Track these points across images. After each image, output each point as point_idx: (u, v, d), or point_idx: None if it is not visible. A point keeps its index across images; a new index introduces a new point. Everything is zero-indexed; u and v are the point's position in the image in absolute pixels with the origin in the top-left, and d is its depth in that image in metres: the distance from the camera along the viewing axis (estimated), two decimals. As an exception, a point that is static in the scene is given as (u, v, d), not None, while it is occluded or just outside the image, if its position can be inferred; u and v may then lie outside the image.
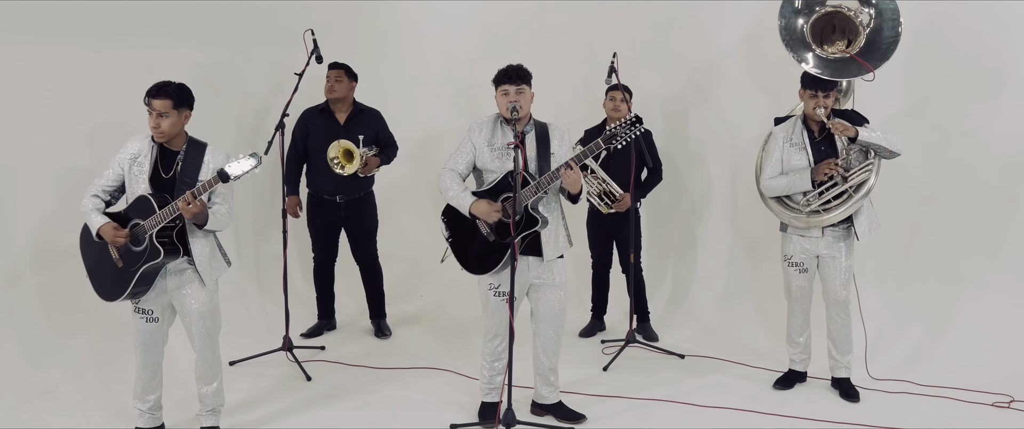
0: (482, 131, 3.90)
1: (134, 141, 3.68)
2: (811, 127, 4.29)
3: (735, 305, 5.72)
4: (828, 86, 4.18)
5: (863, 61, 4.21)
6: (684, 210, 6.07)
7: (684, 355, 5.12)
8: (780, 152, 4.32)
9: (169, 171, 3.63)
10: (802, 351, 4.58)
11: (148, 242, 3.52)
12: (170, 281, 3.69)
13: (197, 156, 3.65)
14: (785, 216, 4.33)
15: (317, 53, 5.11)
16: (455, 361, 5.00)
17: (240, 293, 5.76)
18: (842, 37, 4.41)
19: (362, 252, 5.53)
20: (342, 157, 5.13)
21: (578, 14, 6.34)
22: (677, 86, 5.97)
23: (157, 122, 3.56)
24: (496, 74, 3.85)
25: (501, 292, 3.84)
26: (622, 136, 3.62)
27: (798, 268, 4.38)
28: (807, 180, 4.18)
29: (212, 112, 5.54)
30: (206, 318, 3.73)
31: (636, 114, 3.65)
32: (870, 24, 4.28)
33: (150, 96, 3.56)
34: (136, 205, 3.57)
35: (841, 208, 4.18)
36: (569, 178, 3.63)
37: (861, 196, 4.17)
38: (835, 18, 4.39)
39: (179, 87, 3.63)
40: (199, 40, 5.46)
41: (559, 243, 3.90)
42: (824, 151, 4.25)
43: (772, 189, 4.34)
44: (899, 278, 5.25)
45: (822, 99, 4.16)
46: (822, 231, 4.27)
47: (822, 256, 4.33)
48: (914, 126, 4.99)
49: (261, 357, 4.97)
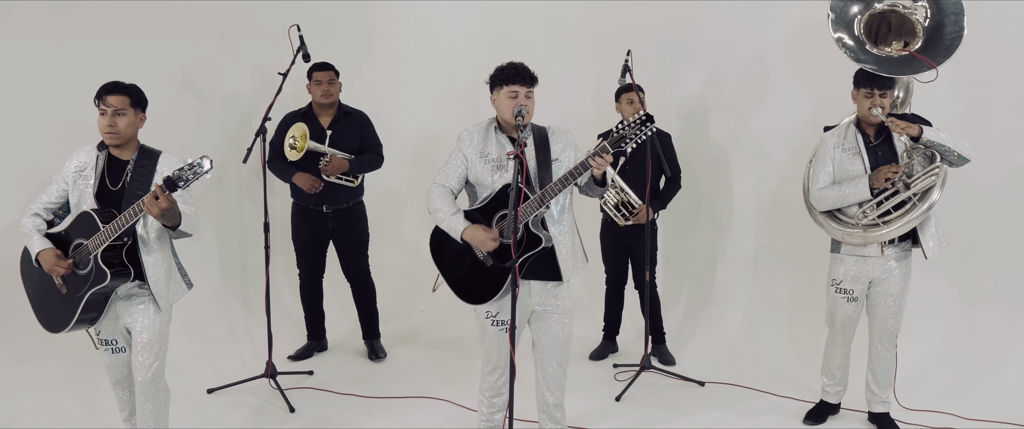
0: (473, 140, 3.41)
1: (79, 153, 3.28)
2: (866, 130, 3.83)
3: (759, 327, 5.27)
4: (885, 83, 3.70)
5: (925, 57, 3.73)
6: (702, 221, 5.61)
7: (704, 382, 4.67)
8: (832, 160, 3.84)
9: (118, 183, 3.22)
10: (838, 382, 4.14)
11: (93, 264, 3.10)
12: (120, 307, 3.28)
13: (149, 165, 3.23)
14: (838, 233, 3.84)
15: (304, 50, 4.68)
16: (453, 388, 4.58)
17: (224, 311, 5.36)
18: (898, 37, 3.92)
19: (351, 268, 5.10)
20: (300, 138, 4.67)
21: (588, 10, 5.90)
22: (696, 86, 5.52)
23: (113, 121, 3.17)
24: (500, 71, 3.34)
25: (499, 321, 3.38)
26: (631, 137, 3.16)
27: (847, 296, 3.90)
28: (864, 188, 3.70)
29: (193, 115, 5.17)
30: (152, 347, 3.29)
31: (646, 111, 3.18)
32: (927, 19, 3.82)
33: (105, 92, 3.18)
34: (77, 223, 3.16)
35: (903, 219, 3.68)
36: (599, 162, 3.09)
37: (926, 207, 3.67)
38: (890, 17, 3.93)
39: (135, 86, 3.26)
40: (178, 38, 5.05)
41: (577, 260, 3.43)
42: (882, 156, 3.77)
43: (824, 201, 3.85)
44: (954, 298, 4.77)
45: (879, 98, 3.70)
46: (881, 249, 3.79)
47: (876, 281, 3.86)
48: (973, 132, 4.47)
49: (242, 384, 4.55)
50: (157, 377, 3.32)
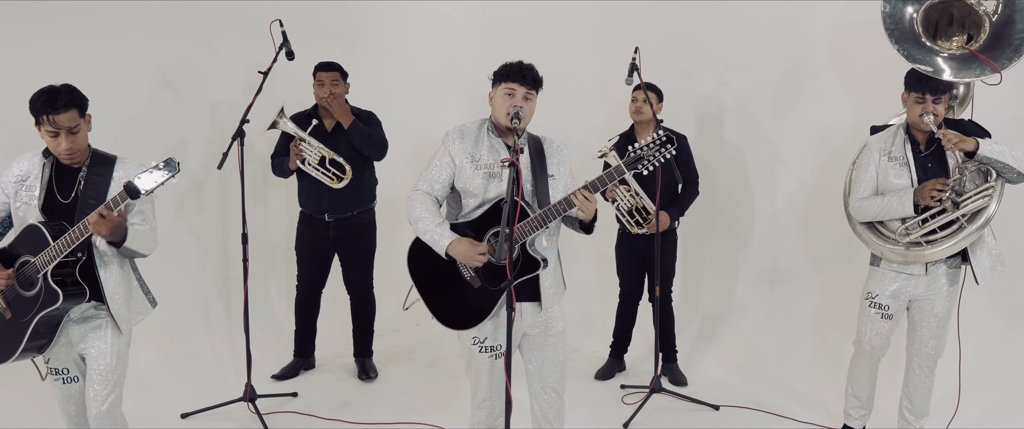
0: (463, 141, 3.01)
1: (21, 160, 2.92)
2: (916, 138, 3.45)
3: (776, 344, 4.91)
4: (940, 87, 3.31)
5: (987, 58, 3.32)
6: (718, 229, 5.26)
7: (719, 406, 4.32)
8: (875, 167, 3.47)
9: (69, 194, 2.87)
10: (863, 406, 3.79)
11: (42, 283, 2.76)
12: (74, 331, 2.94)
13: (104, 173, 2.88)
14: (878, 247, 3.48)
15: (287, 48, 4.33)
16: (444, 413, 4.24)
17: (205, 324, 5.05)
18: (961, 31, 3.51)
19: (353, 280, 4.77)
20: (277, 114, 4.38)
21: (595, 7, 5.54)
22: (710, 86, 5.17)
23: (71, 143, 2.78)
24: (503, 67, 2.97)
25: (488, 347, 3.00)
26: (650, 159, 2.81)
27: (881, 312, 3.53)
28: (909, 203, 3.33)
29: (169, 116, 4.83)
30: (109, 377, 2.95)
31: (667, 133, 2.83)
32: (996, 13, 3.40)
33: (49, 112, 2.74)
34: (24, 238, 2.82)
35: (950, 241, 3.31)
36: (587, 207, 2.81)
37: (977, 227, 3.28)
38: (954, 7, 3.51)
39: (72, 89, 2.83)
40: (154, 34, 4.71)
41: (558, 288, 3.08)
42: (931, 168, 3.40)
43: (863, 212, 3.49)
44: (1008, 316, 4.37)
45: (932, 104, 3.31)
46: (926, 268, 3.43)
47: (918, 299, 3.50)
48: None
49: (218, 408, 4.21)
50: (114, 409, 2.99)
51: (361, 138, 4.43)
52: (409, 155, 5.94)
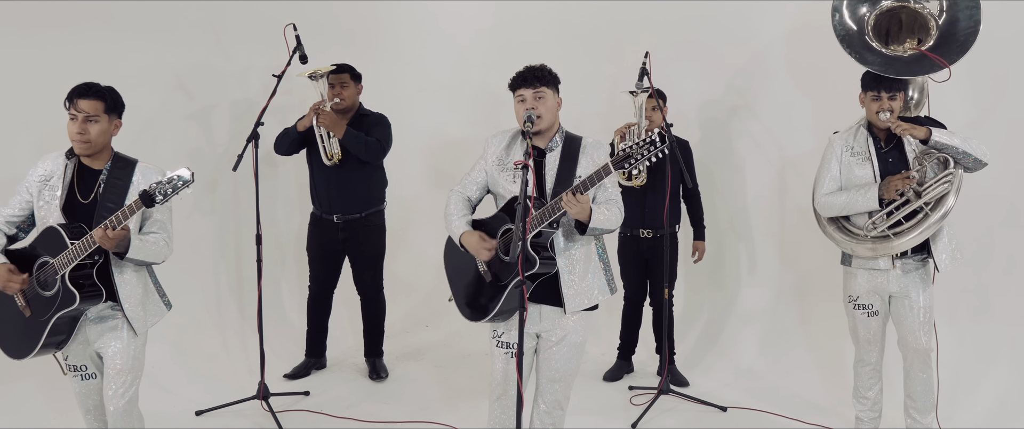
0: (496, 146, 3.18)
1: (46, 160, 3.00)
2: (877, 134, 3.57)
3: (783, 347, 4.93)
4: (893, 85, 3.45)
5: (936, 56, 3.46)
6: (723, 232, 5.28)
7: (726, 408, 4.36)
8: (838, 163, 3.59)
9: (89, 195, 2.94)
10: (871, 408, 3.81)
11: (60, 284, 2.82)
12: (91, 330, 3.00)
13: (124, 176, 2.94)
14: (847, 244, 3.57)
15: (300, 51, 4.40)
16: (457, 412, 4.29)
17: (219, 324, 5.10)
18: (911, 35, 3.67)
19: (363, 281, 4.81)
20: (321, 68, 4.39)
21: (604, 10, 5.58)
22: (717, 90, 5.20)
23: (84, 128, 2.89)
24: (510, 80, 3.12)
25: (503, 343, 3.12)
26: (639, 156, 2.83)
27: (866, 311, 3.62)
28: (873, 197, 3.44)
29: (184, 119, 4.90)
30: (125, 375, 3.01)
31: (660, 130, 2.86)
32: (942, 14, 3.57)
33: (76, 96, 2.89)
34: (43, 239, 2.88)
35: (915, 231, 3.41)
36: (573, 208, 2.86)
37: (939, 216, 3.39)
38: (901, 13, 3.67)
39: (111, 89, 2.98)
40: (169, 37, 4.78)
41: (589, 291, 3.09)
42: (892, 163, 3.51)
43: (829, 207, 3.58)
44: (975, 313, 4.45)
45: (887, 101, 3.45)
46: (892, 262, 3.51)
47: (894, 296, 3.58)
48: (990, 133, 4.18)
49: (232, 406, 4.27)
50: (131, 406, 3.05)
51: (356, 145, 4.47)
52: (419, 156, 6.00)
